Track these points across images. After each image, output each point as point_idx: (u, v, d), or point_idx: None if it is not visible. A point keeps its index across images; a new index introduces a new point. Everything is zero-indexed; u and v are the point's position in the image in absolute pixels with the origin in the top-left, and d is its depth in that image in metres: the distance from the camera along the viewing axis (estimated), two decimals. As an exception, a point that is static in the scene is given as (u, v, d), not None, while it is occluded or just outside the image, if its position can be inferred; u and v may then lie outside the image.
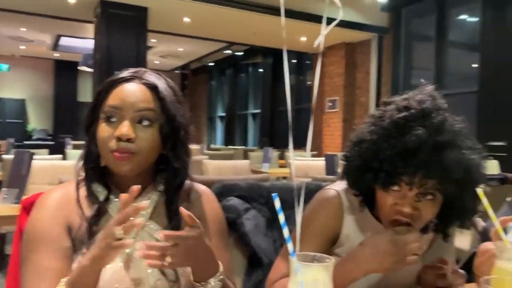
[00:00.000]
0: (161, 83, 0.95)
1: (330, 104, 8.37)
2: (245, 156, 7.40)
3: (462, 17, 7.08)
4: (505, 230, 0.98)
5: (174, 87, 0.98)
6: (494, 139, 5.44)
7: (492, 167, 4.34)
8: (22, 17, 7.50)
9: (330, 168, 3.40)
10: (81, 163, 0.95)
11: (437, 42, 6.71)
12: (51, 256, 0.86)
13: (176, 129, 0.93)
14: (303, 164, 4.09)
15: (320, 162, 4.18)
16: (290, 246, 0.69)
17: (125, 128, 0.88)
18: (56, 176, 2.66)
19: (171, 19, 7.04)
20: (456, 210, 0.96)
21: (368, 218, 1.07)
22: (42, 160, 2.98)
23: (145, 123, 0.90)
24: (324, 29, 0.83)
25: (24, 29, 9.33)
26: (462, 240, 2.63)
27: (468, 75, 6.56)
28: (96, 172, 0.94)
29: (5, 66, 13.13)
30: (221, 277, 0.90)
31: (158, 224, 0.94)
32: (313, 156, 6.54)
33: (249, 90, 12.79)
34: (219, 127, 14.42)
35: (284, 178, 5.73)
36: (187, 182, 0.99)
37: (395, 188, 0.93)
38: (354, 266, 0.93)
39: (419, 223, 0.95)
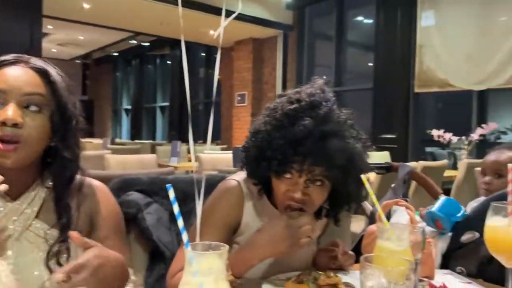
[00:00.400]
0: (51, 68, 0.90)
1: (239, 98, 8.48)
2: (153, 151, 7.20)
3: (359, 18, 7.60)
4: (390, 213, 1.08)
5: (63, 76, 0.92)
6: (386, 132, 5.96)
7: (384, 157, 4.75)
8: None
9: (237, 161, 3.45)
10: None
11: (337, 41, 7.13)
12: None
13: (68, 118, 0.88)
14: (211, 157, 4.11)
15: (228, 155, 4.23)
16: (184, 236, 0.69)
17: (10, 111, 0.80)
18: None
19: (69, 4, 6.57)
20: (343, 195, 1.04)
21: (266, 205, 1.11)
22: None
23: (33, 108, 0.84)
24: (224, 21, 0.84)
25: None
26: (357, 225, 2.85)
27: (365, 73, 7.08)
28: None
29: None
30: (131, 286, 0.88)
31: (45, 223, 0.88)
32: (223, 149, 6.59)
33: (157, 82, 12.45)
34: (125, 121, 13.84)
35: (193, 171, 5.69)
36: (78, 176, 0.94)
37: (287, 175, 0.98)
38: (251, 253, 0.97)
39: (311, 208, 1.01)
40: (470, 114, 5.47)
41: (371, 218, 1.39)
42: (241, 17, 7.01)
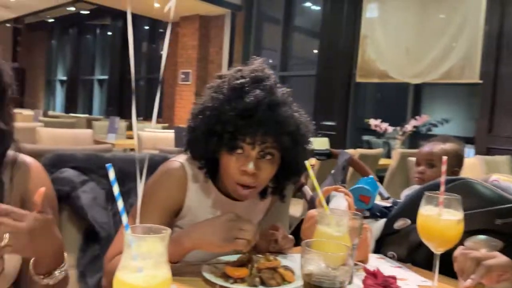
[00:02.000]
0: None
1: (183, 76, 8.29)
2: (89, 126, 6.88)
3: (307, 4, 7.67)
4: (329, 199, 1.11)
5: None
6: (327, 119, 6.13)
7: (323, 143, 4.89)
8: None
9: (179, 141, 3.38)
10: None
11: (284, 25, 7.16)
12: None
13: (2, 88, 0.82)
14: (151, 135, 4.00)
15: (170, 134, 4.14)
16: (124, 218, 0.66)
17: None
18: None
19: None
20: (292, 165, 1.06)
21: (211, 189, 1.10)
22: None
23: None
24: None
25: None
26: (295, 208, 2.93)
27: (309, 60, 7.19)
28: None
29: None
30: (65, 267, 0.83)
31: None
32: (164, 128, 6.44)
33: (96, 54, 11.84)
34: (59, 92, 13.07)
35: (132, 150, 5.52)
36: (10, 152, 0.87)
37: (239, 151, 0.99)
38: (186, 237, 0.95)
39: (260, 182, 1.02)
40: (406, 106, 5.76)
41: (311, 203, 1.42)
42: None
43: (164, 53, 0.78)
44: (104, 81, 11.38)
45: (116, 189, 0.66)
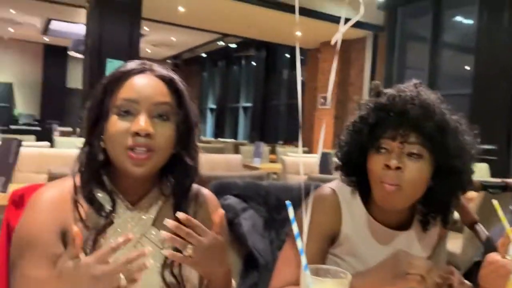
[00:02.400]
0: (175, 76, 0.90)
1: (322, 100, 8.34)
2: (236, 150, 7.34)
3: (458, 19, 7.08)
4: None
5: (183, 82, 0.93)
6: (486, 143, 5.46)
7: (482, 170, 4.35)
8: (12, -1, 7.32)
9: (324, 166, 3.37)
10: (79, 165, 0.86)
11: (431, 42, 6.70)
12: (41, 264, 0.78)
13: (191, 125, 0.89)
14: (296, 160, 4.06)
15: (313, 159, 4.15)
16: (303, 259, 0.65)
17: (143, 122, 0.81)
18: (43, 165, 2.58)
19: (166, 7, 6.92)
20: (449, 176, 0.97)
21: (365, 215, 1.05)
22: (29, 148, 2.89)
23: (163, 118, 0.84)
24: (342, 26, 0.80)
25: (14, 12, 9.10)
26: (452, 243, 2.62)
27: (461, 77, 6.57)
28: (96, 174, 0.86)
29: (-8, 48, 12.84)
30: None
31: (160, 231, 0.88)
32: (304, 152, 6.52)
33: (241, 83, 12.70)
34: (209, 119, 14.33)
35: (275, 173, 5.69)
36: (194, 186, 0.94)
37: (383, 149, 0.96)
38: (360, 281, 0.90)
39: (406, 183, 0.94)
40: None
41: (488, 245, 1.24)
42: (329, 18, 6.88)
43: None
44: (248, 108, 12.10)
45: (295, 228, 0.65)
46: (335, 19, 6.91)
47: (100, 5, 5.99)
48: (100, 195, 0.86)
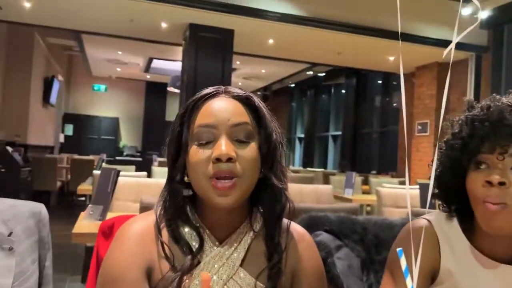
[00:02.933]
0: (252, 95, 0.84)
1: (420, 127, 7.83)
2: (325, 180, 7.14)
3: None
4: None
5: (261, 100, 0.86)
6: None
7: None
8: (119, 41, 8.07)
9: (424, 198, 3.06)
10: (163, 201, 0.81)
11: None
12: None
13: (274, 146, 0.80)
14: (391, 192, 3.77)
15: (413, 191, 3.83)
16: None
17: (223, 146, 0.74)
18: (139, 194, 2.67)
19: (256, 41, 7.11)
20: None
21: (467, 248, 0.90)
22: (127, 178, 3.04)
23: (243, 140, 0.77)
24: (455, 38, 0.70)
25: (120, 52, 10.06)
26: None
27: None
28: (181, 209, 0.81)
29: (103, 87, 14.30)
30: None
31: (249, 273, 0.79)
32: (401, 183, 6.10)
33: (330, 111, 12.54)
34: (298, 149, 14.28)
35: (368, 205, 5.38)
36: (284, 220, 0.84)
37: (483, 165, 0.84)
38: None
39: (511, 200, 0.79)
40: None
41: None
42: (426, 41, 6.52)
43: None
44: (338, 136, 11.85)
45: (409, 283, 0.52)
46: (432, 42, 6.52)
47: (195, 42, 6.35)
48: (187, 230, 0.80)
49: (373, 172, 9.22)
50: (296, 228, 0.88)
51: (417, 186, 3.24)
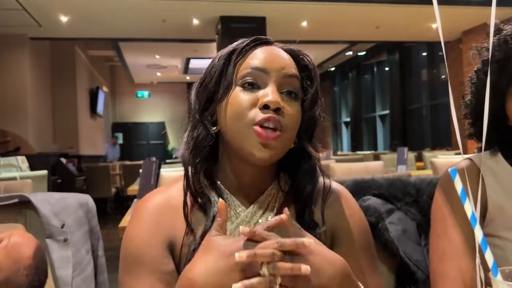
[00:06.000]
0: (307, 53, 0.77)
1: (472, 95, 7.37)
2: (376, 159, 6.87)
3: None
4: None
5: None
6: None
7: None
8: (156, 45, 8.22)
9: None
10: (189, 150, 0.74)
11: None
12: (150, 283, 0.68)
13: (316, 109, 0.75)
14: (448, 162, 3.53)
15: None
16: (489, 257, 0.40)
17: (274, 93, 0.68)
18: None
19: (289, 25, 6.96)
20: None
21: (505, 169, 0.85)
22: (170, 171, 3.03)
23: (291, 95, 0.71)
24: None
25: (158, 56, 10.25)
26: None
27: None
28: (206, 165, 0.73)
29: (146, 93, 14.68)
30: None
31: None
32: (457, 155, 5.75)
33: (375, 91, 12.12)
34: (345, 133, 13.94)
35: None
36: (320, 180, 0.77)
37: None
38: None
39: None
40: None
41: None
42: (470, 2, 6.09)
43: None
44: (386, 116, 11.43)
45: (468, 208, 0.41)
46: (477, 2, 6.08)
47: (228, 35, 6.31)
48: (211, 196, 0.72)
49: (427, 149, 8.81)
50: (333, 185, 0.80)
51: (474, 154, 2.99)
